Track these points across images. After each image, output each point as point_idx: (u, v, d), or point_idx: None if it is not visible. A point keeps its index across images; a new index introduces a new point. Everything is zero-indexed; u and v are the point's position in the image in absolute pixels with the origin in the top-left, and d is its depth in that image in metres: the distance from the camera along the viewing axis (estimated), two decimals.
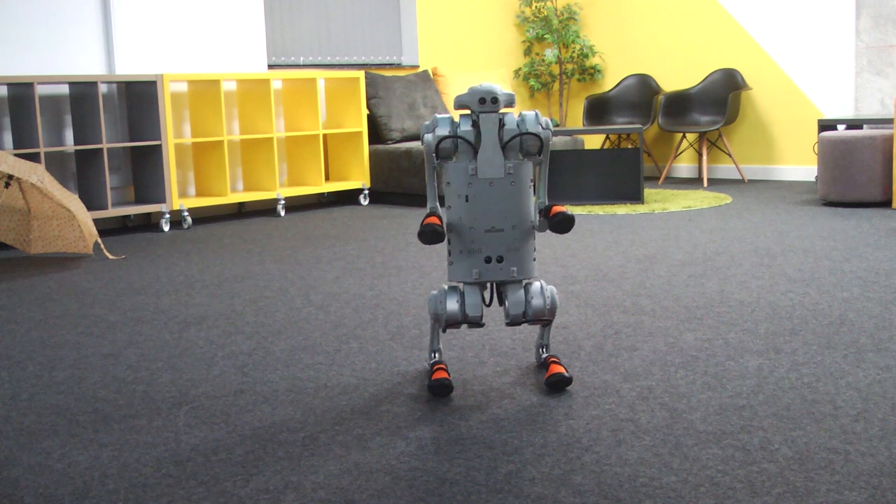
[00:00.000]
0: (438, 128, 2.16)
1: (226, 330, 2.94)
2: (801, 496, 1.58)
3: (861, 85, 6.45)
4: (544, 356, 2.34)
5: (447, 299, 2.17)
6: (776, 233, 4.44)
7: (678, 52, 7.40)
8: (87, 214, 4.32)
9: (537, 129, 2.17)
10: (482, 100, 2.13)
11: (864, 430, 1.87)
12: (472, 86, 2.24)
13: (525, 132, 2.16)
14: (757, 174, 7.09)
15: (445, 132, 2.15)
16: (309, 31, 6.60)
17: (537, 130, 2.17)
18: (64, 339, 2.91)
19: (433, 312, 2.19)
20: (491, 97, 2.13)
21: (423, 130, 2.18)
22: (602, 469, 1.73)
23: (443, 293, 2.19)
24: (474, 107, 2.15)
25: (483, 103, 2.13)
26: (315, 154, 6.16)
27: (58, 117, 5.33)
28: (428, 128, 2.18)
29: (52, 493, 1.71)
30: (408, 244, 4.54)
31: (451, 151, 2.17)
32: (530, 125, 2.17)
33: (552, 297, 2.20)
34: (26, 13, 5.19)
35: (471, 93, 2.14)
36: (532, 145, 2.17)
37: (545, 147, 2.19)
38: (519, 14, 7.77)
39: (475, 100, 2.14)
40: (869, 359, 2.36)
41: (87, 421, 2.11)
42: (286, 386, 2.32)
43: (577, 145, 6.79)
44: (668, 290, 3.26)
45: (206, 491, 1.70)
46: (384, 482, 1.71)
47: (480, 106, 2.14)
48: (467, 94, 2.16)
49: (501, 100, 2.14)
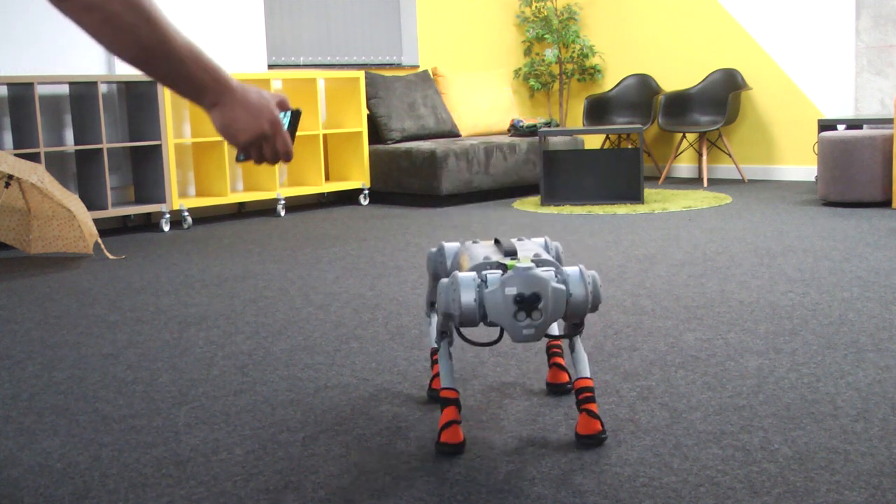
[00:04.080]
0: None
1: (226, 330, 2.94)
2: (801, 496, 1.58)
3: (861, 85, 6.45)
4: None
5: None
6: (776, 233, 4.44)
7: (678, 52, 7.40)
8: (87, 214, 4.32)
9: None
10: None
11: (864, 430, 1.87)
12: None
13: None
14: (757, 174, 7.09)
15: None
16: (309, 31, 6.60)
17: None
18: (64, 339, 2.91)
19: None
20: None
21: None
22: (602, 469, 1.73)
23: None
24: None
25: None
26: (315, 154, 6.16)
27: (58, 117, 5.33)
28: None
29: (52, 493, 1.71)
30: (408, 244, 4.54)
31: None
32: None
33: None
34: (26, 13, 5.19)
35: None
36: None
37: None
38: (519, 14, 7.77)
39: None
40: (869, 359, 2.36)
41: (87, 421, 2.11)
42: (286, 386, 2.32)
43: (577, 145, 6.79)
44: (668, 290, 3.26)
45: (206, 491, 1.70)
46: (384, 482, 1.71)
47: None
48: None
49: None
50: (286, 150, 1.29)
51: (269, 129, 1.25)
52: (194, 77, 1.18)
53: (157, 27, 1.12)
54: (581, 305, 1.76)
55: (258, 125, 1.24)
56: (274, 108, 1.26)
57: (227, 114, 1.24)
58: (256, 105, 1.25)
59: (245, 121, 1.24)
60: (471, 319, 1.72)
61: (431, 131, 6.63)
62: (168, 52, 1.14)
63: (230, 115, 1.24)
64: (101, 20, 1.08)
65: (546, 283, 1.69)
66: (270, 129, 1.25)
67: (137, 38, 1.10)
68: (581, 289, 1.76)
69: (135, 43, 1.11)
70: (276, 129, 1.27)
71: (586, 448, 1.83)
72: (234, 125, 1.24)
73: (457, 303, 1.72)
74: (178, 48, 1.14)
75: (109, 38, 1.10)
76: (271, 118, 1.25)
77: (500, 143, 6.31)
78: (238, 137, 1.25)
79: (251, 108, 1.24)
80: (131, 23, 1.09)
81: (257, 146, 1.27)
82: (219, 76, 1.21)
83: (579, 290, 1.76)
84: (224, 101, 1.23)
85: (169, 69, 1.15)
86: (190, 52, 1.16)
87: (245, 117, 1.24)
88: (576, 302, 1.76)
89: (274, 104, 1.27)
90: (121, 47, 1.11)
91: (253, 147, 1.27)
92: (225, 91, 1.22)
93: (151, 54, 1.13)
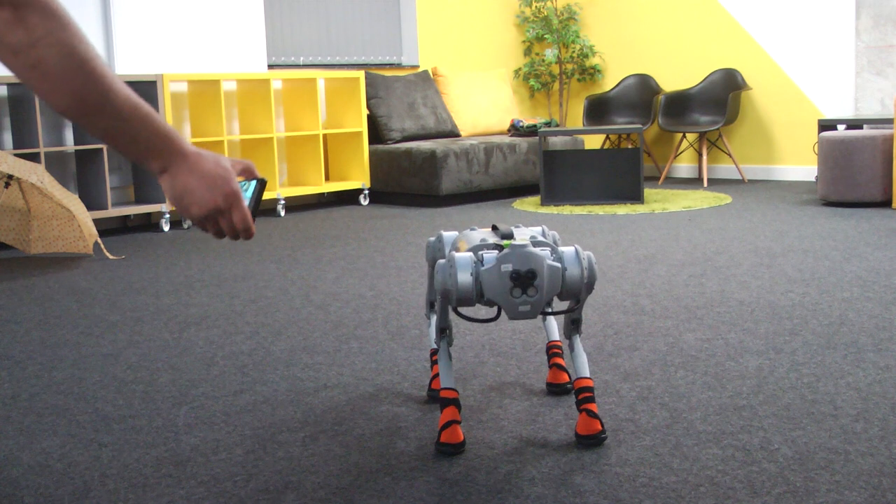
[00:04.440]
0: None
1: (226, 330, 2.94)
2: (801, 496, 1.58)
3: (861, 85, 6.45)
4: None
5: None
6: (776, 233, 4.44)
7: (678, 52, 7.40)
8: (87, 214, 4.32)
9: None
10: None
11: (864, 430, 1.87)
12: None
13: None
14: (757, 174, 7.09)
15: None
16: (309, 31, 6.60)
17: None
18: (64, 339, 2.91)
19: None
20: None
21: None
22: (602, 469, 1.73)
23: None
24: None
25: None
26: (315, 154, 6.16)
27: (58, 117, 5.33)
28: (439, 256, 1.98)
29: (52, 493, 1.71)
30: (408, 244, 4.54)
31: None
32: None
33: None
34: None
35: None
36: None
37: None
38: (519, 14, 7.77)
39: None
40: (869, 359, 2.36)
41: (87, 421, 2.11)
42: (286, 386, 2.32)
43: (577, 145, 6.79)
44: (668, 290, 3.26)
45: (206, 491, 1.70)
46: (384, 482, 1.71)
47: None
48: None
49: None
50: (245, 228, 1.16)
51: (223, 204, 1.14)
52: (139, 138, 1.08)
53: (94, 78, 1.02)
54: (576, 283, 1.77)
55: (212, 198, 1.13)
56: (232, 178, 1.14)
57: (178, 183, 1.12)
58: (212, 174, 1.13)
59: (198, 192, 1.12)
60: (468, 298, 1.73)
61: (431, 131, 6.63)
62: (107, 107, 1.04)
63: (181, 185, 1.12)
64: (28, 65, 0.99)
65: (541, 260, 1.71)
66: (225, 203, 1.14)
67: (70, 89, 1.01)
68: (576, 266, 1.77)
69: (67, 94, 1.01)
70: (233, 203, 1.14)
71: (586, 448, 1.83)
72: (186, 197, 1.12)
73: (454, 280, 1.73)
74: (120, 104, 1.05)
75: (37, 85, 1.00)
76: (228, 191, 1.13)
77: (500, 143, 6.31)
78: (190, 211, 1.13)
79: (206, 177, 1.12)
80: (63, 71, 1.00)
81: (212, 221, 1.15)
82: (169, 140, 1.10)
83: (575, 267, 1.77)
84: (175, 167, 1.12)
85: (109, 127, 1.05)
86: (135, 110, 1.06)
87: (199, 188, 1.12)
88: (571, 279, 1.77)
89: (233, 173, 1.15)
90: (51, 97, 1.01)
91: (207, 221, 1.15)
92: (176, 156, 1.11)
93: (87, 108, 1.03)
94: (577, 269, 1.77)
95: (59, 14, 1.00)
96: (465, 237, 1.93)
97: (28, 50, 0.98)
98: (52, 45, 0.99)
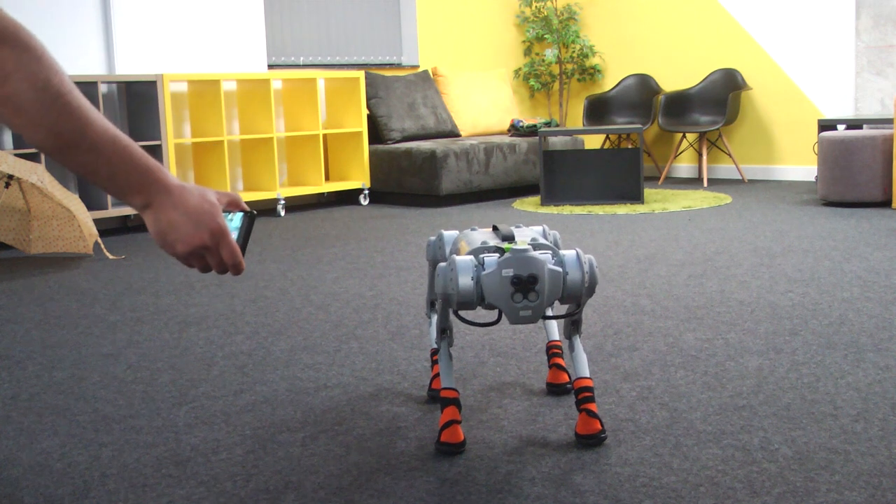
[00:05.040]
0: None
1: (226, 330, 2.94)
2: (801, 496, 1.58)
3: (861, 85, 6.45)
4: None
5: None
6: (776, 233, 4.44)
7: (678, 52, 7.40)
8: (87, 214, 4.32)
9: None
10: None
11: (864, 430, 1.87)
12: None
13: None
14: (757, 174, 7.09)
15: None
16: (309, 31, 6.60)
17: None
18: (64, 339, 2.91)
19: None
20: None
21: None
22: (602, 469, 1.73)
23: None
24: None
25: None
26: (315, 154, 6.16)
27: None
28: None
29: (52, 493, 1.71)
30: (408, 244, 4.54)
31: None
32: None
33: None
34: (26, 13, 5.19)
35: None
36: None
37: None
38: (519, 14, 7.77)
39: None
40: (869, 359, 2.36)
41: (87, 421, 2.11)
42: (286, 386, 2.32)
43: (577, 145, 6.79)
44: (668, 290, 3.26)
45: (206, 491, 1.70)
46: (384, 482, 1.71)
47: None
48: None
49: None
50: (234, 263, 1.12)
51: (210, 241, 1.10)
52: (118, 172, 1.04)
53: (69, 112, 0.98)
54: (577, 287, 1.76)
55: (198, 235, 1.09)
56: (218, 213, 1.11)
57: (161, 219, 1.08)
58: (196, 210, 1.09)
59: (183, 229, 1.08)
60: (468, 301, 1.73)
61: (431, 131, 6.63)
62: (84, 141, 1.00)
63: (165, 221, 1.08)
64: (0, 100, 0.96)
65: (542, 265, 1.71)
66: (212, 239, 1.10)
67: (45, 123, 0.98)
68: (577, 271, 1.77)
69: (42, 128, 0.98)
70: (220, 240, 1.11)
71: (586, 448, 1.83)
72: (170, 234, 1.09)
73: (454, 284, 1.72)
74: (97, 138, 1.01)
75: (10, 121, 0.97)
76: (213, 227, 1.10)
77: (500, 143, 6.31)
78: (175, 248, 1.10)
79: (191, 213, 1.08)
80: (36, 105, 0.97)
81: (198, 258, 1.12)
82: (151, 174, 1.06)
83: (576, 271, 1.77)
84: (157, 203, 1.08)
85: (87, 161, 1.02)
86: (113, 143, 1.03)
87: (183, 224, 1.08)
88: (572, 283, 1.76)
89: (219, 208, 1.12)
90: (26, 132, 0.98)
91: (193, 258, 1.11)
92: (159, 192, 1.07)
93: (63, 143, 0.99)
94: (579, 274, 1.77)
95: (31, 47, 0.97)
96: (465, 237, 1.93)
97: (0, 84, 0.96)
98: (25, 80, 0.96)
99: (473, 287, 1.73)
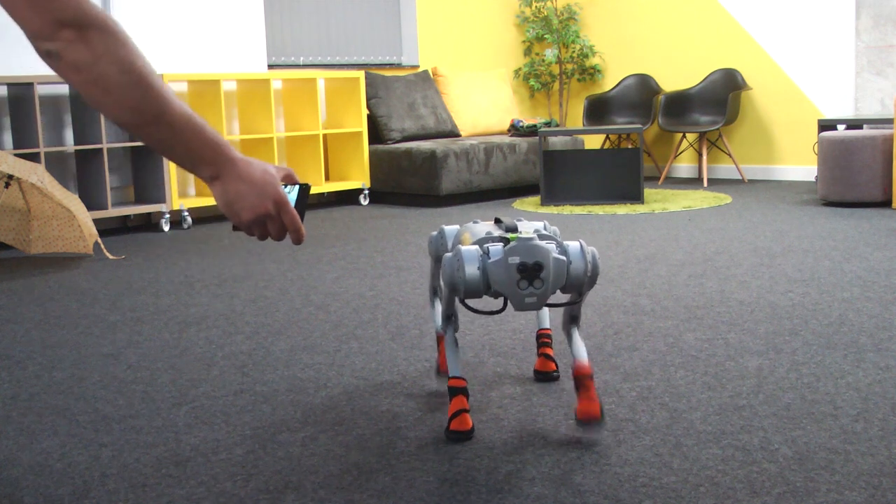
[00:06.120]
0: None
1: (226, 330, 2.94)
2: (801, 496, 1.58)
3: (861, 85, 6.45)
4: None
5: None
6: (776, 233, 4.44)
7: (678, 52, 7.40)
8: (87, 214, 4.32)
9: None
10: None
11: (864, 430, 1.87)
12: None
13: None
14: (757, 174, 7.09)
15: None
16: (309, 31, 6.60)
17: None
18: (64, 339, 2.91)
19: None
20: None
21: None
22: (602, 469, 1.73)
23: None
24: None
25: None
26: (315, 154, 6.16)
27: (58, 117, 5.33)
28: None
29: (52, 493, 1.71)
30: (408, 244, 4.54)
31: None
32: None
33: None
34: None
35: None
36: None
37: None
38: (519, 14, 7.77)
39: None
40: (869, 359, 2.36)
41: (87, 421, 2.11)
42: (286, 386, 2.32)
43: (577, 145, 6.79)
44: (668, 290, 3.26)
45: (206, 491, 1.70)
46: (384, 482, 1.71)
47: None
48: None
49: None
50: (295, 229, 1.20)
51: (273, 209, 1.18)
52: (192, 148, 1.13)
53: (151, 93, 1.07)
54: (580, 276, 1.82)
55: (262, 204, 1.17)
56: (278, 184, 1.19)
57: (229, 189, 1.17)
58: (260, 181, 1.17)
59: (249, 198, 1.17)
60: (475, 290, 1.78)
61: (431, 131, 6.63)
62: (163, 119, 1.09)
63: (233, 191, 1.17)
64: (89, 81, 1.04)
65: (548, 253, 1.76)
66: (275, 208, 1.18)
67: (129, 103, 1.06)
68: (581, 261, 1.82)
69: (126, 107, 1.06)
70: (281, 208, 1.19)
71: (586, 448, 1.83)
72: (237, 203, 1.17)
73: (461, 273, 1.77)
74: (175, 117, 1.10)
75: (98, 99, 1.06)
76: (276, 196, 1.18)
77: (500, 143, 6.31)
78: (241, 216, 1.17)
79: (255, 184, 1.17)
80: (122, 86, 1.05)
81: (260, 225, 1.19)
82: (220, 149, 1.15)
83: (579, 261, 1.82)
84: (225, 175, 1.17)
85: (164, 137, 1.11)
86: (188, 121, 1.11)
87: (249, 194, 1.17)
88: (575, 272, 1.82)
89: (278, 179, 1.20)
90: (111, 110, 1.06)
91: (256, 226, 1.19)
92: (226, 164, 1.16)
93: (144, 120, 1.08)
94: (582, 263, 1.82)
95: (117, 32, 1.06)
96: (468, 230, 1.97)
97: (90, 67, 1.04)
98: (113, 63, 1.04)
99: (480, 276, 1.77)
